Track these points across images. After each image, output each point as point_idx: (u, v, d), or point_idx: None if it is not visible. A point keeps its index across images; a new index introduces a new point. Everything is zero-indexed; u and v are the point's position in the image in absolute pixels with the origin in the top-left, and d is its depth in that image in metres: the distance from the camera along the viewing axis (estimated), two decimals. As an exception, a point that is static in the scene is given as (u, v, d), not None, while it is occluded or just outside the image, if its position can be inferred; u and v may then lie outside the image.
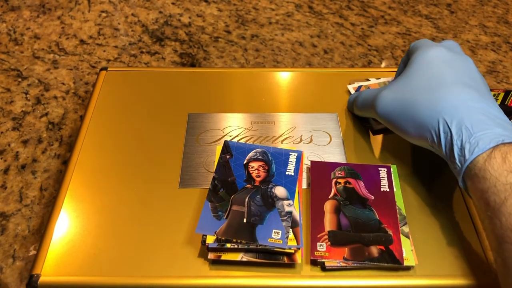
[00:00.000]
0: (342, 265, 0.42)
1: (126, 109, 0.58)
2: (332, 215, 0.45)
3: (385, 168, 0.49)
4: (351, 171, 0.49)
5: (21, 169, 0.62)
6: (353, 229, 0.44)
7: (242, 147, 0.51)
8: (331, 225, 0.44)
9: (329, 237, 0.43)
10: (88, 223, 0.46)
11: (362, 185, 0.48)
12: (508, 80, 0.79)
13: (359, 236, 0.43)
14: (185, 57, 0.81)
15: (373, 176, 0.49)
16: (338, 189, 0.47)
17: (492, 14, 0.94)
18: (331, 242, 0.43)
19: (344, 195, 0.47)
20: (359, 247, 0.43)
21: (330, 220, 0.45)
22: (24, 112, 0.70)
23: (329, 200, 0.46)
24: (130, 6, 0.92)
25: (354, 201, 0.46)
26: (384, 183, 0.48)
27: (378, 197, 0.47)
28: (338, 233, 0.44)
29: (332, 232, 0.44)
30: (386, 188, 0.47)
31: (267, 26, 0.88)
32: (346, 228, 0.44)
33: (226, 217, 0.44)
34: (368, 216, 0.45)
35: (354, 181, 0.48)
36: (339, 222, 0.44)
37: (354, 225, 0.44)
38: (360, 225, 0.44)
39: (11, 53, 0.81)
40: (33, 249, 0.54)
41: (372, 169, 0.49)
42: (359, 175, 0.49)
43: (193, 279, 0.42)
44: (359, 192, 0.47)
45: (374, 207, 0.46)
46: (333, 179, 0.48)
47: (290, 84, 0.62)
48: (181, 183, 0.50)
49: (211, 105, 0.59)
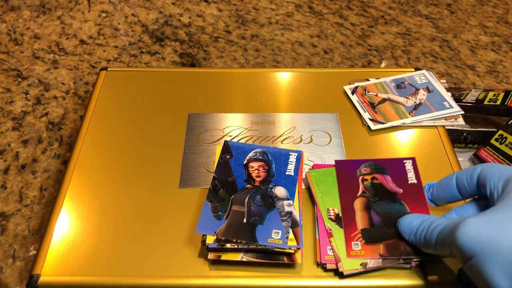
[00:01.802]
0: (360, 271, 0.41)
1: (126, 109, 0.58)
2: (363, 212, 0.45)
3: (410, 160, 0.48)
4: (376, 167, 0.48)
5: (21, 169, 0.62)
6: (385, 224, 0.43)
7: (242, 147, 0.51)
8: (363, 223, 0.44)
9: (362, 236, 0.43)
10: (88, 223, 0.46)
11: (389, 179, 0.47)
12: (508, 80, 0.79)
13: (393, 232, 0.43)
14: (185, 57, 0.81)
15: (399, 169, 0.48)
16: (365, 186, 0.47)
17: (492, 14, 0.94)
18: (365, 240, 0.43)
19: (372, 192, 0.46)
20: (393, 242, 0.42)
21: (361, 218, 0.44)
22: (24, 112, 0.70)
23: (358, 198, 0.46)
24: (130, 6, 0.92)
25: (383, 197, 0.46)
26: (411, 175, 0.47)
27: (406, 190, 0.46)
28: (371, 231, 0.43)
29: (365, 230, 0.43)
30: (413, 180, 0.47)
31: (267, 26, 0.88)
32: (379, 224, 0.44)
33: (226, 217, 0.44)
34: (399, 210, 0.44)
35: (380, 176, 0.47)
36: (370, 219, 0.44)
37: (386, 220, 0.44)
38: (392, 220, 0.44)
39: (11, 53, 0.81)
40: (33, 249, 0.54)
41: (397, 163, 0.48)
42: (385, 169, 0.48)
43: (193, 279, 0.42)
44: (387, 186, 0.46)
45: (404, 200, 0.45)
46: (360, 177, 0.48)
47: (290, 84, 0.62)
48: (181, 183, 0.50)
49: (211, 105, 0.59)
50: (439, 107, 0.58)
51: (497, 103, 0.64)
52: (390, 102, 0.59)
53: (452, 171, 0.51)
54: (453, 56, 0.83)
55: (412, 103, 0.58)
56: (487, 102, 0.65)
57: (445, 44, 0.86)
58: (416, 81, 0.61)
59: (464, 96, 0.67)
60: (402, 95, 0.60)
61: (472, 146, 0.63)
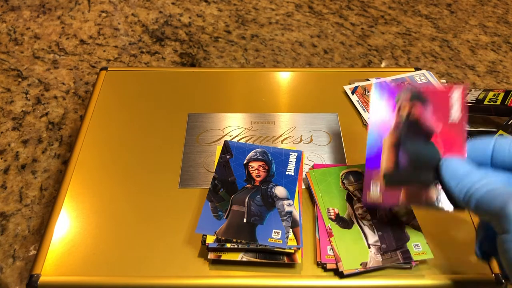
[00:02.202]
0: (360, 270, 0.41)
1: (126, 109, 0.58)
2: (390, 151, 0.40)
3: (459, 89, 0.40)
4: (418, 95, 0.41)
5: (21, 169, 0.62)
6: (412, 167, 0.38)
7: (242, 147, 0.51)
8: (388, 162, 0.39)
9: (384, 177, 0.39)
10: (88, 223, 0.46)
11: (429, 113, 0.40)
12: (508, 80, 0.79)
13: (417, 176, 0.38)
14: (185, 57, 0.81)
15: (442, 102, 0.40)
16: (400, 119, 0.41)
17: (492, 14, 0.94)
18: (386, 182, 0.39)
19: (406, 126, 0.40)
20: (416, 189, 0.38)
21: (388, 156, 0.40)
22: (24, 112, 0.70)
23: (389, 135, 0.41)
24: (130, 6, 0.92)
25: (417, 134, 0.40)
26: (456, 108, 0.39)
27: (445, 126, 0.39)
28: (394, 174, 0.39)
29: (388, 173, 0.39)
30: (456, 116, 0.39)
31: (267, 26, 0.88)
32: (405, 166, 0.39)
33: (226, 217, 0.44)
34: (432, 152, 0.38)
35: (420, 107, 0.40)
36: (397, 159, 0.39)
37: (414, 162, 0.39)
38: (420, 162, 0.38)
39: (11, 53, 0.81)
40: (33, 249, 0.54)
41: (442, 94, 0.40)
42: (426, 101, 0.41)
43: (193, 279, 0.42)
44: (424, 121, 0.40)
45: (440, 140, 0.39)
46: (397, 104, 0.41)
47: (290, 84, 0.62)
48: (181, 183, 0.50)
49: (211, 105, 0.59)
50: (439, 107, 0.57)
51: (497, 103, 0.64)
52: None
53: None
54: (453, 56, 0.83)
55: (412, 103, 0.58)
56: (487, 102, 0.65)
57: (445, 44, 0.86)
58: (416, 81, 0.61)
59: (464, 96, 0.67)
60: (402, 95, 0.59)
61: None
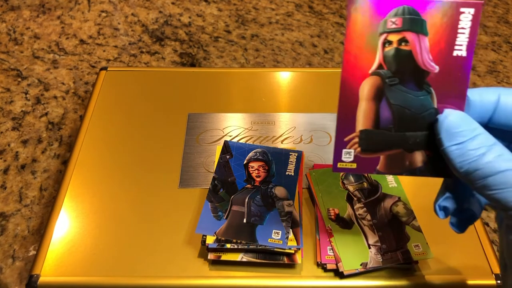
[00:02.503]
0: (360, 271, 0.41)
1: (126, 109, 0.58)
2: (370, 103, 0.31)
3: (471, 8, 0.29)
4: (412, 19, 0.29)
5: (20, 169, 0.62)
6: (396, 125, 0.30)
7: (242, 147, 0.51)
8: (366, 120, 0.31)
9: (360, 140, 0.31)
10: (88, 223, 0.46)
11: (425, 45, 0.30)
12: (509, 80, 0.79)
13: (403, 137, 0.30)
14: (185, 57, 0.81)
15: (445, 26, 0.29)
16: (386, 54, 0.30)
17: (492, 14, 0.94)
18: (362, 147, 0.31)
19: (393, 66, 0.30)
20: (398, 154, 0.31)
21: (365, 111, 0.31)
22: (24, 112, 0.70)
23: (369, 77, 0.30)
24: (130, 6, 0.92)
25: (407, 76, 0.30)
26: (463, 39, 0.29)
27: (445, 66, 0.30)
28: (373, 134, 0.31)
29: (366, 132, 0.31)
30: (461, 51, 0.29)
31: (267, 26, 0.88)
32: (387, 123, 0.31)
33: (226, 217, 0.44)
34: (423, 103, 0.30)
35: (414, 37, 0.30)
36: (377, 114, 0.31)
37: (399, 118, 0.30)
38: (407, 118, 0.30)
39: (11, 53, 0.81)
40: (33, 249, 0.54)
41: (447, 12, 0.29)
42: (425, 24, 0.29)
43: (193, 279, 0.42)
44: (417, 59, 0.30)
45: (435, 85, 0.30)
46: (382, 35, 0.30)
47: (290, 84, 0.62)
48: (181, 183, 0.49)
49: (211, 105, 0.59)
50: (440, 107, 0.57)
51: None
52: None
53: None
54: (453, 56, 0.83)
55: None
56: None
57: (445, 44, 0.86)
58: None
59: (465, 96, 0.67)
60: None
61: None
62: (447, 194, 0.32)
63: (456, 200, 0.32)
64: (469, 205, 0.32)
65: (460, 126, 0.28)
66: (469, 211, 0.32)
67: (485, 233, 0.46)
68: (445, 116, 0.29)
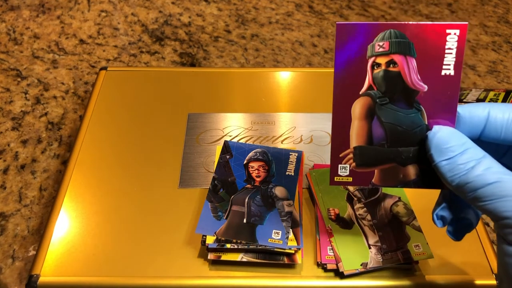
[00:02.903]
0: (360, 271, 0.41)
1: (125, 109, 0.58)
2: (362, 121, 0.32)
3: (456, 29, 0.30)
4: (400, 41, 0.31)
5: (20, 169, 0.62)
6: (389, 141, 0.32)
7: (242, 147, 0.51)
8: (359, 137, 0.33)
9: (354, 156, 0.33)
10: (88, 223, 0.46)
11: (413, 65, 0.31)
12: (509, 80, 0.79)
13: (396, 152, 0.32)
14: (185, 57, 0.81)
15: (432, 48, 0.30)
16: (375, 76, 0.32)
17: (492, 13, 0.94)
18: (356, 163, 0.33)
19: (383, 87, 0.32)
20: (392, 167, 0.32)
21: (358, 130, 0.33)
22: (24, 112, 0.70)
23: (360, 97, 0.32)
24: (130, 6, 0.92)
25: (397, 96, 0.32)
26: (450, 59, 0.30)
27: (434, 85, 0.31)
28: (367, 150, 0.32)
29: (359, 149, 0.32)
30: (449, 70, 0.30)
31: (267, 26, 0.88)
32: (380, 140, 0.32)
33: (226, 217, 0.44)
34: (413, 120, 0.32)
35: (402, 59, 0.31)
36: (370, 132, 0.32)
37: (391, 135, 0.32)
38: (399, 135, 0.32)
39: (10, 53, 0.81)
40: (33, 249, 0.54)
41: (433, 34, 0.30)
42: (412, 47, 0.31)
43: (193, 279, 0.42)
44: (406, 79, 0.31)
45: (425, 102, 0.31)
46: (370, 58, 0.32)
47: (290, 84, 0.62)
48: (181, 183, 0.49)
49: (211, 105, 0.58)
50: (440, 107, 0.57)
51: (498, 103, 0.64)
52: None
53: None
54: (454, 56, 0.83)
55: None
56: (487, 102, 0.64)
57: (446, 44, 0.86)
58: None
59: (465, 96, 0.67)
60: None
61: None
62: (443, 204, 0.33)
63: (452, 210, 0.33)
64: (466, 214, 0.33)
65: (449, 142, 0.29)
66: (465, 220, 0.33)
67: (485, 233, 0.45)
68: (435, 132, 0.30)
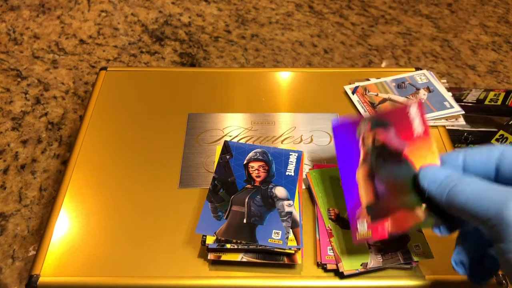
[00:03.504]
0: (360, 271, 0.41)
1: (125, 109, 0.58)
2: (367, 183, 0.39)
3: (414, 105, 0.40)
4: (377, 121, 0.41)
5: (20, 169, 0.62)
6: (391, 192, 0.38)
7: (242, 147, 0.51)
8: (368, 195, 0.39)
9: (368, 213, 0.38)
10: (88, 224, 0.46)
11: (392, 135, 0.40)
12: (509, 80, 0.79)
13: (400, 200, 0.37)
14: (185, 57, 0.81)
15: (403, 120, 0.40)
16: (367, 149, 0.40)
17: (492, 13, 0.94)
18: (371, 217, 0.38)
19: (374, 155, 0.40)
20: (403, 214, 0.37)
21: (365, 189, 0.39)
22: (24, 112, 0.70)
23: (360, 168, 0.40)
24: (130, 6, 0.92)
25: (387, 158, 0.39)
26: (418, 122, 0.39)
27: (412, 143, 0.39)
28: (376, 205, 0.38)
29: (370, 206, 0.38)
30: (420, 129, 0.39)
31: (267, 26, 0.88)
32: (384, 194, 0.38)
33: (226, 218, 0.44)
34: (406, 171, 0.37)
35: (383, 132, 0.40)
36: (375, 189, 0.38)
37: (391, 188, 0.38)
38: (398, 186, 0.37)
39: (10, 53, 0.81)
40: (33, 249, 0.54)
41: (400, 112, 0.40)
42: (388, 123, 0.40)
43: (193, 279, 0.42)
44: (390, 146, 0.39)
45: (410, 156, 0.38)
46: (360, 137, 0.41)
47: (290, 84, 0.62)
48: (181, 183, 0.49)
49: (211, 105, 0.58)
50: (440, 107, 0.57)
51: (498, 103, 0.64)
52: (391, 102, 0.59)
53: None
54: (454, 56, 0.83)
55: (413, 103, 0.58)
56: (487, 102, 0.64)
57: (446, 44, 0.86)
58: (416, 81, 0.61)
59: (465, 96, 0.67)
60: (402, 95, 0.59)
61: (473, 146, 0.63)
62: (458, 249, 0.36)
63: (468, 253, 0.35)
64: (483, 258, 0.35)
65: (434, 173, 0.35)
66: (484, 264, 0.35)
67: (485, 233, 0.45)
68: (422, 169, 0.36)
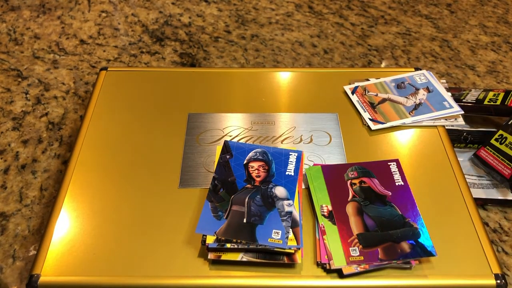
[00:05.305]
0: (360, 270, 0.41)
1: (126, 109, 0.58)
2: (356, 217, 0.45)
3: (394, 162, 0.49)
4: (363, 170, 0.49)
5: (21, 169, 0.62)
6: (379, 228, 0.44)
7: (242, 147, 0.51)
8: (358, 228, 0.44)
9: (359, 241, 0.43)
10: (88, 223, 0.46)
11: (376, 182, 0.48)
12: (508, 80, 0.79)
13: (388, 235, 0.43)
14: (185, 57, 0.81)
15: (384, 172, 0.49)
16: (355, 190, 0.47)
17: (492, 14, 0.94)
18: (363, 245, 0.43)
19: (362, 195, 0.46)
20: (390, 245, 0.42)
21: (355, 222, 0.44)
22: (24, 112, 0.70)
23: (349, 202, 0.46)
24: (130, 6, 0.92)
25: (374, 200, 0.46)
26: (397, 177, 0.48)
27: (394, 192, 0.47)
28: (367, 235, 0.43)
29: (362, 235, 0.43)
30: (400, 182, 0.48)
31: (267, 26, 0.88)
32: (373, 228, 0.44)
33: (226, 217, 0.44)
34: (391, 212, 0.45)
35: (368, 179, 0.48)
36: (364, 223, 0.44)
37: (379, 224, 0.44)
38: (385, 223, 0.44)
39: (11, 53, 0.81)
40: (33, 249, 0.54)
41: (381, 165, 0.49)
42: (371, 172, 0.49)
43: (193, 279, 0.42)
44: (375, 190, 0.47)
45: (394, 202, 0.46)
46: (348, 181, 0.48)
47: (290, 84, 0.62)
48: (181, 183, 0.50)
49: (211, 105, 0.59)
50: (439, 107, 0.58)
51: (497, 103, 0.64)
52: (390, 102, 0.59)
53: (452, 171, 0.51)
54: (453, 56, 0.83)
55: (412, 103, 0.58)
56: (487, 102, 0.65)
57: (445, 44, 0.86)
58: (416, 81, 0.61)
59: (464, 96, 0.67)
60: (402, 95, 0.60)
61: (472, 146, 0.63)
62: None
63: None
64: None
65: None
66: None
67: (485, 233, 0.46)
68: None
